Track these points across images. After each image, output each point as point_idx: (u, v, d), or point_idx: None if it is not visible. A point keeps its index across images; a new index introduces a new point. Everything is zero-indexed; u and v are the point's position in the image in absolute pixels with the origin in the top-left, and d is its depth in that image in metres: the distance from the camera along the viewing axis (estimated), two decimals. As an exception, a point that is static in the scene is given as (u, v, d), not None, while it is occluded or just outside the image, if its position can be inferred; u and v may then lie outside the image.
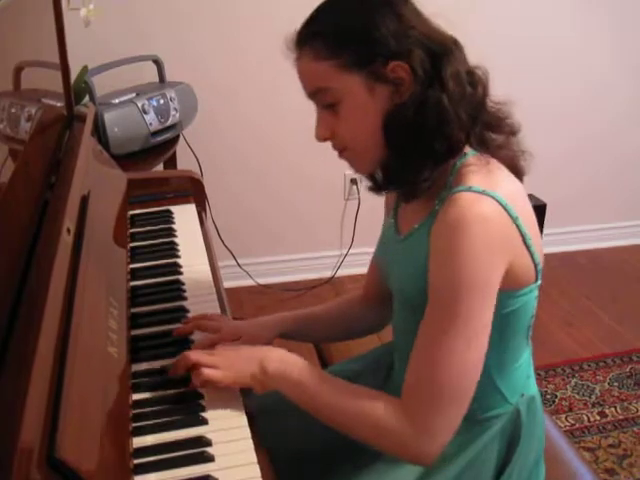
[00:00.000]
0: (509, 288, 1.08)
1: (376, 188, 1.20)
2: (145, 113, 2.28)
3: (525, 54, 3.03)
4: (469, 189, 1.04)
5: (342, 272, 3.23)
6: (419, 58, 1.06)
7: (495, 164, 1.11)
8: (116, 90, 2.41)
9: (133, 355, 1.23)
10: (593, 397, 2.52)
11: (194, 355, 1.15)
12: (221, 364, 1.13)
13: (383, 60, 1.06)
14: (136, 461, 1.00)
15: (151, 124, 2.30)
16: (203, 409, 1.12)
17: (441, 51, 1.08)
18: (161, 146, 2.41)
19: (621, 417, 2.42)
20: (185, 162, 2.68)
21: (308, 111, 1.20)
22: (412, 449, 1.05)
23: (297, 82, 1.16)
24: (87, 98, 2.26)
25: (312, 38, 1.10)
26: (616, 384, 2.59)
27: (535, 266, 1.11)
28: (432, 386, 1.03)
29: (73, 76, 1.85)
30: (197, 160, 2.75)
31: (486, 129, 1.12)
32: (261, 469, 1.01)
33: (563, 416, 2.41)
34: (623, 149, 3.41)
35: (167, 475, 0.98)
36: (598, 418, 2.41)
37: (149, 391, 1.15)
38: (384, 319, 1.47)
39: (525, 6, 2.98)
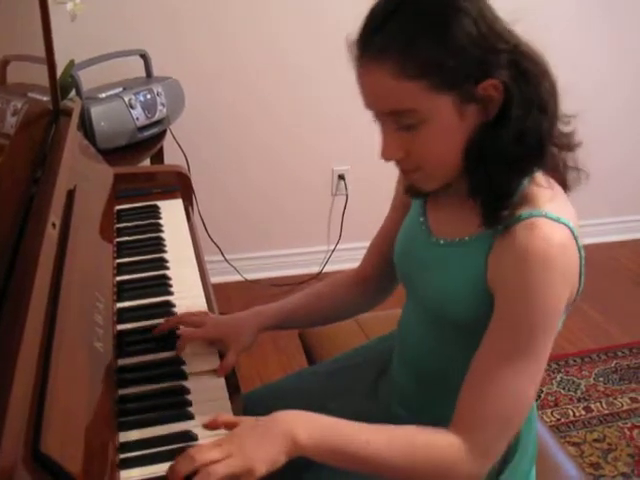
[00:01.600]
0: None
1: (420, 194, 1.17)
2: (132, 108, 2.27)
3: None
4: (545, 215, 0.99)
5: (330, 267, 3.23)
6: (512, 76, 0.98)
7: (555, 184, 1.07)
8: (103, 85, 2.40)
9: (119, 350, 1.23)
10: (579, 392, 2.53)
11: (199, 454, 0.92)
12: (238, 454, 0.93)
13: (476, 78, 0.97)
14: (122, 456, 1.00)
15: (138, 119, 2.29)
16: (189, 404, 1.12)
17: (535, 67, 1.01)
18: (148, 141, 2.40)
19: (606, 412, 2.44)
20: (172, 157, 2.67)
21: (296, 106, 1.19)
22: (469, 476, 1.02)
23: (286, 78, 1.14)
24: (73, 92, 2.25)
25: (399, 51, 0.96)
26: (601, 379, 2.61)
27: (577, 292, 1.07)
28: (501, 421, 1.01)
29: (59, 70, 1.84)
30: (184, 155, 2.74)
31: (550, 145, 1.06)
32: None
33: (549, 411, 2.43)
34: (615, 148, 3.44)
35: (152, 470, 0.98)
36: (583, 413, 2.43)
37: (135, 386, 1.15)
38: (374, 302, 1.45)
39: (524, 6, 2.99)
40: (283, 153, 3.04)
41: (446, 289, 1.12)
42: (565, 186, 1.10)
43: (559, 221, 0.99)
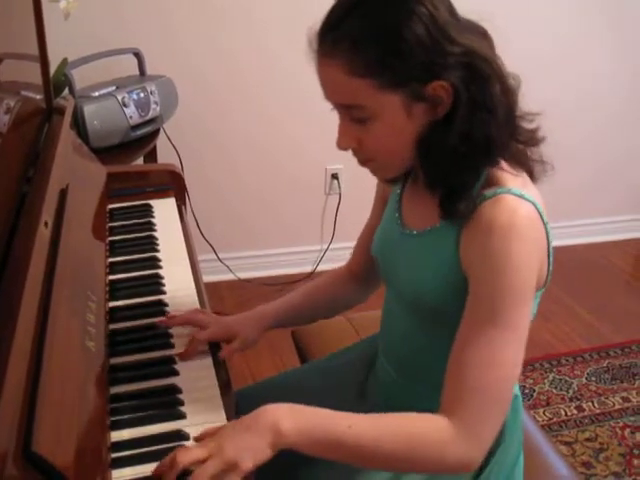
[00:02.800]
0: None
1: (395, 180, 1.20)
2: (125, 106, 2.27)
3: (526, 52, 3.04)
4: (509, 191, 1.03)
5: (323, 267, 3.23)
6: (463, 78, 1.01)
7: (521, 172, 1.10)
8: (96, 83, 2.39)
9: (111, 349, 1.23)
10: (570, 392, 2.54)
11: (182, 455, 0.94)
12: (222, 450, 0.94)
13: (424, 79, 1.01)
14: (114, 455, 1.00)
15: (131, 117, 2.28)
16: (181, 403, 1.12)
17: (488, 70, 1.02)
18: (141, 140, 2.39)
19: (598, 411, 2.44)
20: (165, 156, 2.67)
21: (290, 105, 1.20)
22: (461, 460, 1.01)
23: (279, 77, 1.14)
24: (67, 91, 2.25)
25: (348, 49, 1.01)
26: (593, 379, 2.61)
27: (547, 273, 1.11)
28: (482, 393, 1.01)
29: (52, 69, 1.84)
30: (177, 154, 2.74)
31: (512, 141, 1.09)
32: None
33: (541, 410, 2.43)
34: (608, 149, 3.46)
35: (144, 469, 0.98)
36: (575, 412, 2.43)
37: (127, 385, 1.15)
38: (368, 292, 1.50)
39: (524, 6, 3.00)
40: (276, 152, 3.04)
41: (420, 277, 1.15)
42: (532, 177, 1.12)
43: (523, 197, 1.03)
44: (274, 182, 3.10)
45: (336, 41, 1.02)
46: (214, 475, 0.92)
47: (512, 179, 1.06)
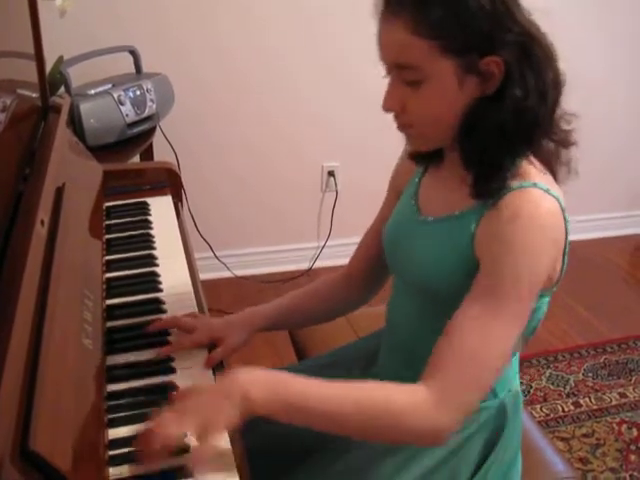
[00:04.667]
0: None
1: (421, 159, 1.21)
2: (121, 104, 2.27)
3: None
4: (534, 185, 1.04)
5: (320, 264, 3.24)
6: (518, 58, 1.03)
7: (547, 171, 1.11)
8: (92, 81, 2.39)
9: (108, 347, 1.23)
10: (567, 388, 2.54)
11: (158, 427, 0.95)
12: (193, 413, 0.96)
13: (481, 51, 1.02)
14: (111, 452, 1.00)
15: (127, 115, 2.28)
16: (179, 401, 1.12)
17: (542, 55, 1.04)
18: (137, 137, 2.39)
19: (595, 407, 2.45)
20: (162, 154, 2.67)
21: (286, 103, 1.20)
22: (430, 426, 1.01)
23: (276, 74, 1.14)
24: (62, 89, 2.25)
25: (416, 8, 1.02)
26: (590, 375, 2.62)
27: (561, 271, 1.12)
28: (464, 365, 1.02)
29: (48, 67, 1.84)
30: (174, 151, 2.74)
31: (546, 138, 1.11)
32: (236, 460, 1.01)
33: (538, 406, 2.44)
34: (607, 145, 3.46)
35: (142, 466, 0.98)
36: (572, 408, 2.44)
37: (124, 383, 1.15)
38: (366, 297, 1.48)
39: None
40: (273, 149, 3.04)
41: (432, 262, 1.15)
42: (555, 179, 1.13)
43: (549, 192, 1.04)
44: (271, 179, 3.10)
45: (408, 1, 1.03)
46: (182, 433, 0.95)
47: (539, 175, 1.07)
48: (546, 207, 1.03)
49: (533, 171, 1.07)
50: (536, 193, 1.04)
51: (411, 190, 1.28)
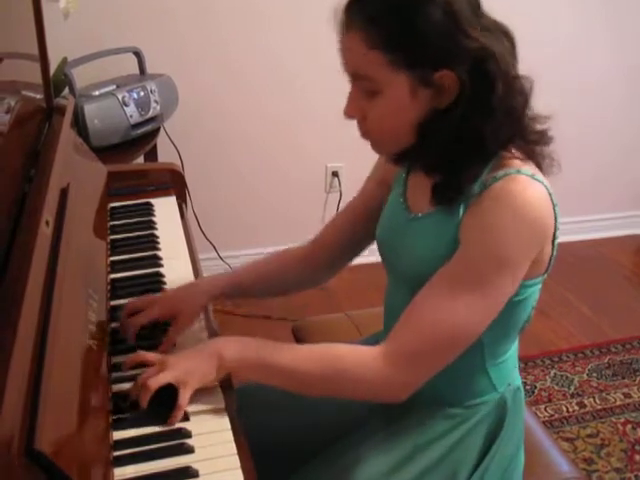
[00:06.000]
0: (526, 276, 1.10)
1: (399, 160, 1.21)
2: (125, 105, 2.27)
3: (526, 51, 3.03)
4: (518, 172, 1.06)
5: (323, 264, 3.23)
6: (470, 72, 1.04)
7: (530, 161, 1.12)
8: (96, 82, 2.40)
9: (113, 347, 1.23)
10: (572, 388, 2.54)
11: (143, 378, 1.09)
12: (172, 368, 1.09)
13: (434, 66, 1.04)
14: (115, 453, 1.00)
15: (131, 116, 2.29)
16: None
17: (494, 68, 1.05)
18: (141, 138, 2.40)
19: (599, 407, 2.45)
20: (166, 154, 2.67)
21: (290, 104, 1.20)
22: (387, 383, 1.09)
23: (279, 75, 1.15)
24: (67, 90, 2.25)
25: (369, 22, 1.05)
26: (595, 375, 2.62)
27: (550, 257, 1.13)
28: (425, 331, 1.07)
29: (53, 68, 1.84)
30: (178, 152, 2.74)
31: (520, 140, 1.12)
32: (241, 460, 1.01)
33: (542, 407, 2.44)
34: (608, 146, 3.46)
35: (146, 467, 0.99)
36: (577, 408, 2.44)
37: (129, 383, 1.15)
38: (322, 279, 1.52)
39: (524, 7, 3.00)
40: (277, 150, 3.04)
41: (424, 258, 1.17)
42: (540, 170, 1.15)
43: (534, 177, 1.06)
44: (275, 180, 3.10)
45: (360, 14, 1.06)
46: (161, 385, 1.06)
47: (522, 163, 1.09)
48: (532, 191, 1.05)
49: (516, 161, 1.09)
50: (521, 179, 1.06)
51: (399, 189, 1.29)
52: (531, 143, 1.12)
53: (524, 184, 1.05)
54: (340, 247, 1.43)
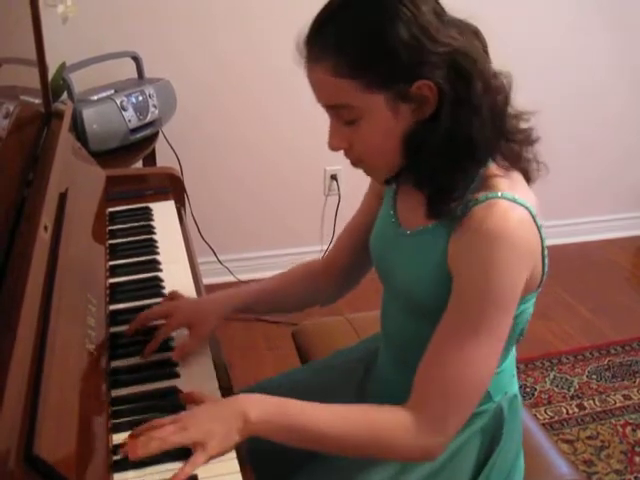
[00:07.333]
0: (520, 294, 1.07)
1: (390, 181, 1.20)
2: (124, 110, 2.28)
3: (525, 52, 3.03)
4: (500, 196, 1.03)
5: (323, 268, 3.23)
6: (446, 76, 1.02)
7: (513, 171, 1.10)
8: (94, 87, 2.40)
9: (112, 352, 1.23)
10: (572, 390, 2.54)
11: (157, 431, 1.00)
12: (192, 428, 1.00)
13: (408, 79, 1.02)
14: (115, 458, 1.00)
15: (130, 121, 2.29)
16: (183, 407, 1.12)
17: (470, 67, 1.03)
18: (140, 143, 2.40)
19: (599, 409, 2.45)
20: (164, 159, 2.67)
21: (288, 107, 1.20)
22: (422, 450, 1.06)
23: (277, 78, 1.15)
24: (65, 95, 2.25)
25: (332, 52, 1.03)
26: (594, 377, 2.62)
27: (542, 274, 1.11)
28: (447, 392, 1.04)
29: (51, 73, 1.84)
30: (176, 157, 2.74)
31: (504, 139, 1.10)
32: (240, 464, 1.01)
33: (542, 409, 2.44)
34: (611, 148, 3.46)
35: (147, 472, 0.99)
36: (577, 410, 2.44)
37: (128, 387, 1.15)
38: (342, 290, 1.50)
39: (524, 6, 3.01)
40: (275, 153, 3.04)
41: (412, 276, 1.16)
42: (527, 178, 1.13)
43: (515, 201, 1.03)
44: (273, 183, 3.10)
45: (321, 44, 1.05)
46: (179, 444, 0.98)
47: (504, 183, 1.06)
48: (514, 219, 1.01)
49: (498, 180, 1.06)
50: (503, 205, 1.02)
51: (389, 201, 1.27)
52: (517, 143, 1.11)
53: (504, 211, 1.02)
54: (351, 259, 1.42)
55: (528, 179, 1.13)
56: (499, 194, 1.03)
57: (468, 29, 1.07)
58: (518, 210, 1.02)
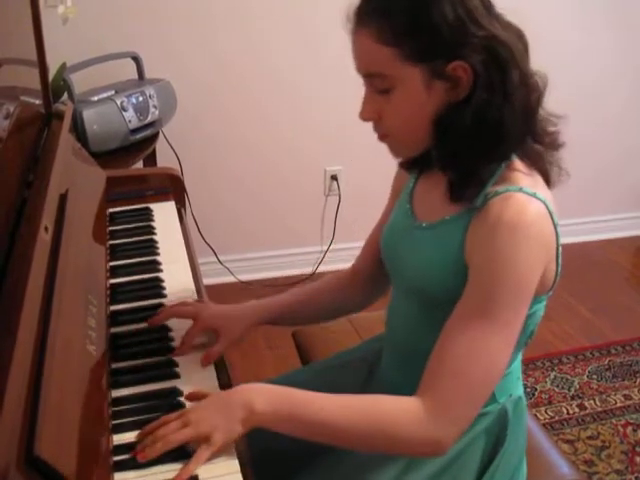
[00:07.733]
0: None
1: (414, 164, 1.21)
2: (124, 110, 2.28)
3: (530, 50, 3.03)
4: (520, 190, 1.04)
5: (323, 268, 3.23)
6: (483, 61, 1.03)
7: (535, 172, 1.11)
8: (95, 87, 2.40)
9: (112, 353, 1.23)
10: (572, 390, 2.54)
11: (162, 429, 1.01)
12: (196, 423, 1.01)
13: (446, 57, 1.04)
14: (116, 458, 1.00)
15: (130, 121, 2.29)
16: (183, 406, 1.12)
17: (507, 56, 1.05)
18: (140, 143, 2.40)
19: (600, 409, 2.45)
20: (165, 159, 2.67)
21: (289, 107, 1.20)
22: (429, 439, 1.04)
23: (278, 79, 1.15)
24: (66, 95, 2.25)
25: (379, 17, 1.05)
26: (595, 377, 2.62)
27: (556, 275, 1.12)
28: (457, 378, 1.03)
29: (51, 73, 1.84)
30: (177, 157, 2.74)
31: (532, 138, 1.11)
32: (240, 464, 1.01)
33: (543, 409, 2.44)
34: (611, 147, 3.47)
35: (147, 472, 0.99)
36: (577, 410, 2.44)
37: (129, 388, 1.15)
38: (371, 298, 1.49)
39: (526, 5, 3.01)
40: (276, 154, 3.04)
41: (426, 268, 1.16)
42: (547, 182, 1.14)
43: (535, 196, 1.04)
44: (274, 184, 3.10)
45: (369, 11, 1.07)
46: (183, 442, 0.99)
47: (525, 178, 1.07)
48: (531, 212, 1.03)
49: (519, 175, 1.08)
50: (522, 198, 1.04)
51: (406, 195, 1.28)
52: (544, 146, 1.12)
53: (523, 204, 1.03)
54: (378, 264, 1.40)
55: (548, 182, 1.13)
56: (519, 187, 1.05)
57: (512, 28, 1.09)
58: (536, 204, 1.04)
